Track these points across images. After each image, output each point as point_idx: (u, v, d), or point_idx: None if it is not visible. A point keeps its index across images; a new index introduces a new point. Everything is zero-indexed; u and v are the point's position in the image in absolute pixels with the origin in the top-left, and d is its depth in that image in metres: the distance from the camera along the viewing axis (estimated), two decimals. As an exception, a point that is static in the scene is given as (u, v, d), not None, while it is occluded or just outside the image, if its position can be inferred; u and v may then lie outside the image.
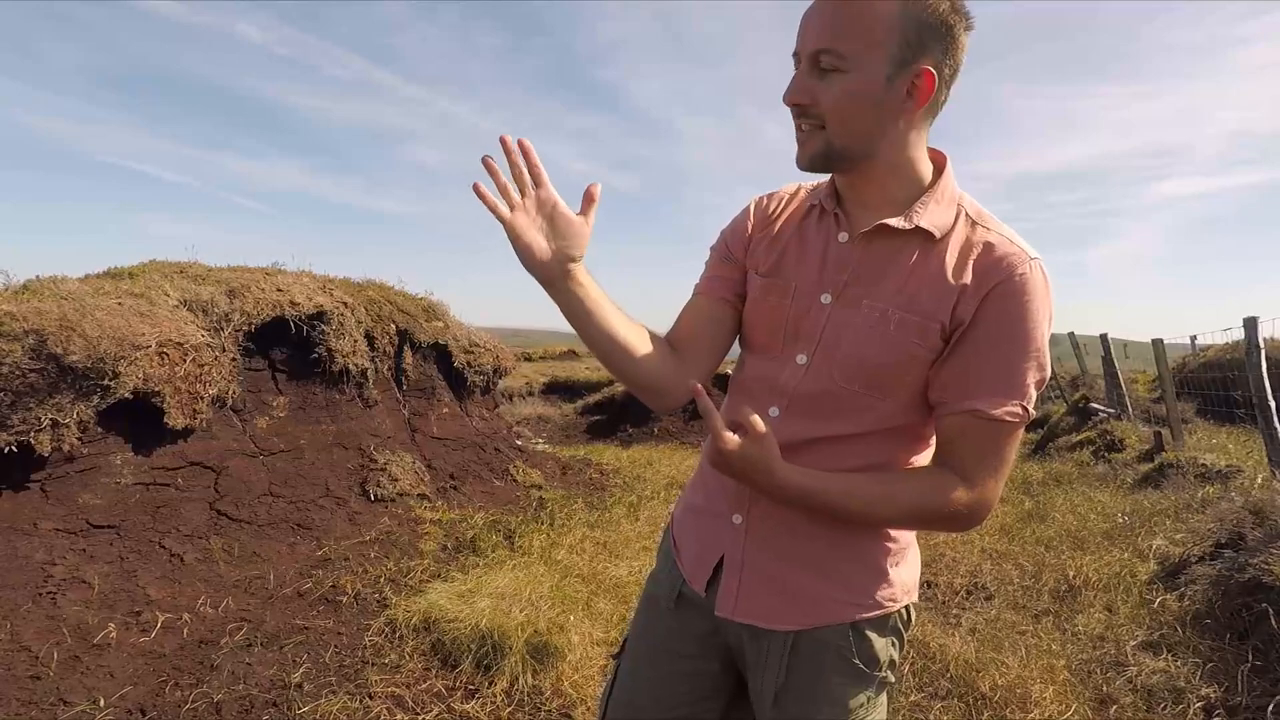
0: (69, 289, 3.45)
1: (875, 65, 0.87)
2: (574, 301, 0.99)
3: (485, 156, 0.95)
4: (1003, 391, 0.91)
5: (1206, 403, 8.35)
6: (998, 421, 0.91)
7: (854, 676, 0.98)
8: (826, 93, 0.89)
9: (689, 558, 1.09)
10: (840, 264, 0.98)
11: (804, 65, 0.91)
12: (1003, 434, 0.92)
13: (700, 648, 1.08)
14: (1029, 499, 5.64)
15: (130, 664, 2.38)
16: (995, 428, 0.91)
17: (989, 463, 0.93)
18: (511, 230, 0.96)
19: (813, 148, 0.93)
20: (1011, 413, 0.91)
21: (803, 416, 0.99)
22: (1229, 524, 3.39)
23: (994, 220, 0.96)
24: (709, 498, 1.08)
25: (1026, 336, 0.90)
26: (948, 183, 0.97)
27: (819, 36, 0.88)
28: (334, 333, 4.30)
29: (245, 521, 3.48)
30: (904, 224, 0.94)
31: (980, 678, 2.55)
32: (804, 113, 0.92)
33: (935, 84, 0.89)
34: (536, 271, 0.98)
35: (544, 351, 24.16)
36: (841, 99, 0.89)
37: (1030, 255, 0.92)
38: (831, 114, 0.90)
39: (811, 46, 0.89)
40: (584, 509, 4.82)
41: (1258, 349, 4.35)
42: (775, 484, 0.90)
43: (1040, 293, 0.90)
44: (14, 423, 2.85)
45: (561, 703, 2.40)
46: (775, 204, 1.11)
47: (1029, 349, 0.91)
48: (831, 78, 0.89)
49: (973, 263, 0.92)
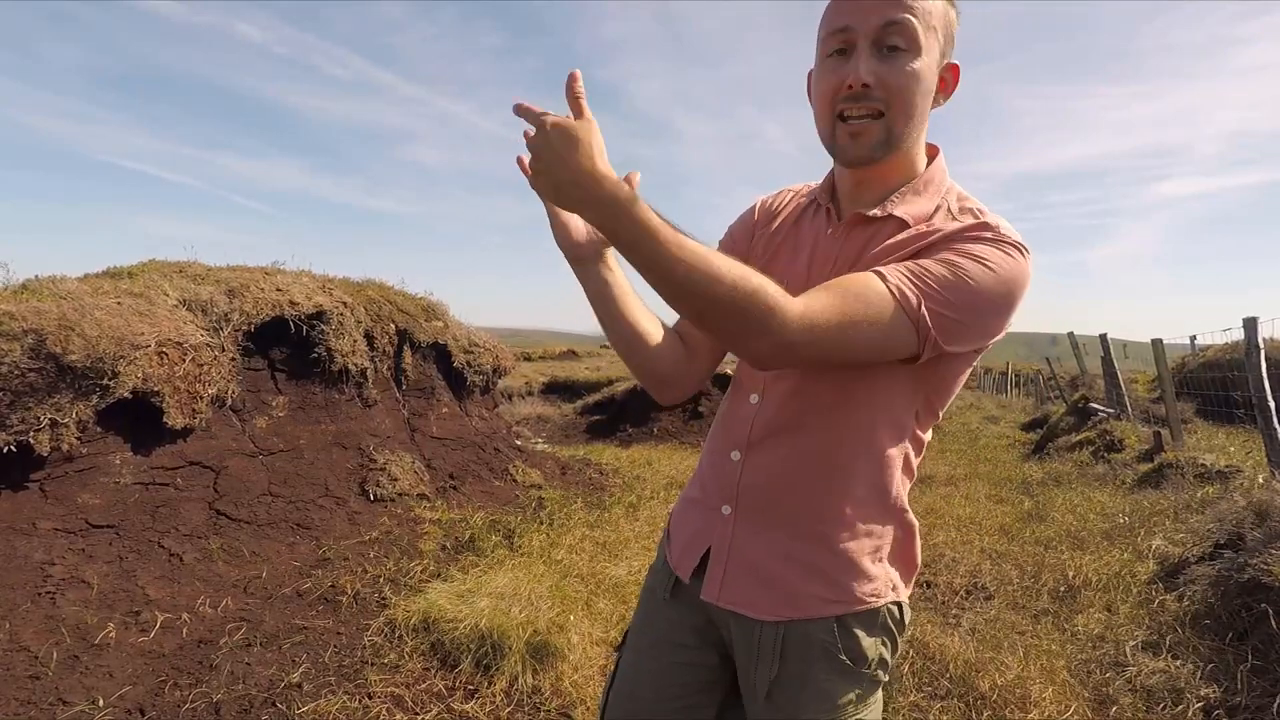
0: (68, 288, 3.45)
1: (934, 50, 0.88)
2: (601, 285, 1.00)
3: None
4: (915, 281, 0.83)
5: (1206, 403, 8.36)
6: (884, 285, 0.83)
7: (841, 673, 0.97)
8: (893, 75, 0.86)
9: (678, 547, 1.10)
10: (826, 258, 0.98)
11: (867, 44, 0.87)
12: (878, 300, 0.82)
13: (698, 639, 1.08)
14: (1029, 499, 5.64)
15: (129, 664, 2.38)
16: (877, 290, 0.83)
17: (840, 309, 0.82)
18: (551, 206, 0.97)
19: (874, 136, 0.89)
20: (905, 296, 0.82)
21: (779, 399, 0.99)
22: (1229, 524, 3.39)
23: (979, 207, 0.93)
24: (704, 490, 1.09)
25: (973, 276, 0.84)
26: (934, 174, 0.97)
27: (893, 7, 0.85)
28: (333, 332, 4.30)
29: (244, 521, 3.48)
30: (878, 213, 0.94)
31: (980, 678, 2.55)
32: (866, 95, 0.87)
33: (959, 80, 0.91)
34: (570, 250, 0.99)
35: (544, 351, 24.14)
36: (911, 81, 0.87)
37: (1015, 238, 0.88)
38: (898, 96, 0.87)
39: (880, 19, 0.85)
40: (583, 509, 4.82)
41: (1257, 349, 4.35)
42: (590, 173, 0.76)
43: (1011, 260, 0.86)
44: (13, 422, 2.84)
45: (561, 703, 2.40)
46: (779, 202, 1.12)
47: (968, 286, 0.84)
48: (899, 58, 0.86)
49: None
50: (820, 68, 0.94)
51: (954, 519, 4.99)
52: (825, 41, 0.92)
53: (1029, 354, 72.64)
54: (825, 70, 0.92)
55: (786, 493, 0.98)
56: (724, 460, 1.04)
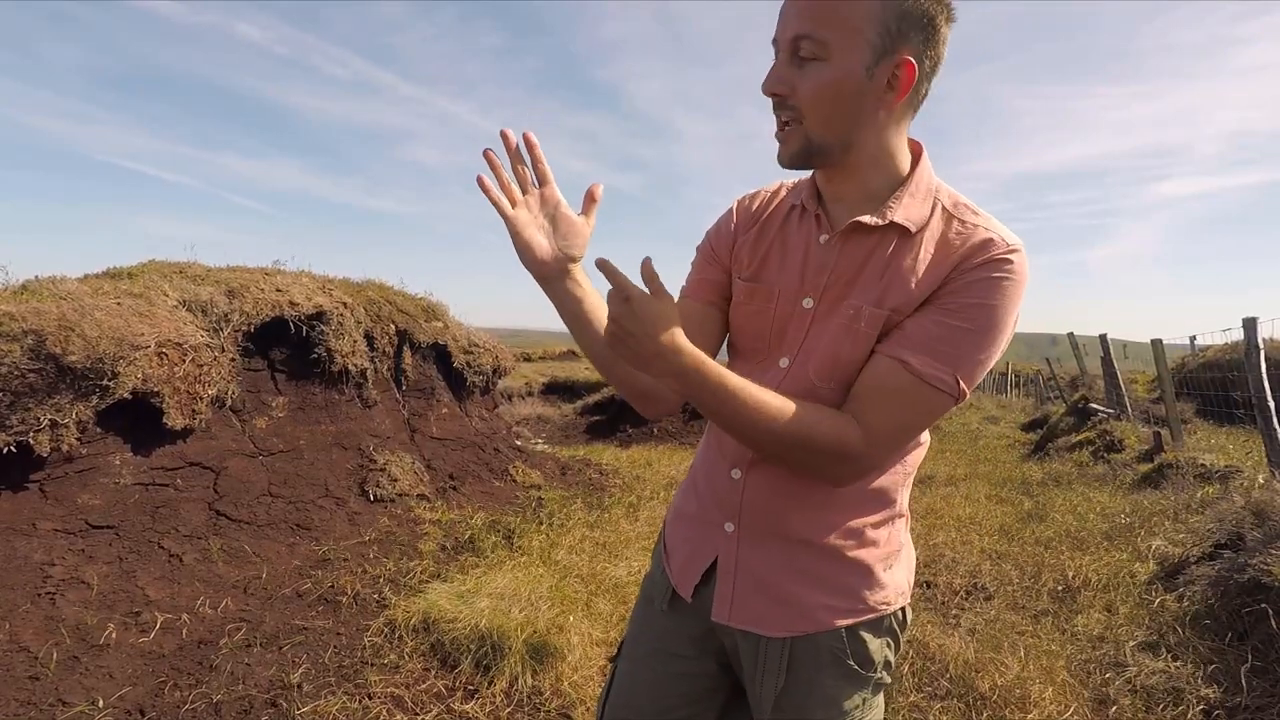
0: (68, 289, 3.45)
1: (855, 54, 0.84)
2: (570, 302, 0.99)
3: (487, 150, 0.94)
4: (940, 356, 0.86)
5: (1206, 403, 8.36)
6: (919, 379, 0.86)
7: (849, 677, 0.98)
8: (804, 83, 0.86)
9: (678, 564, 1.09)
10: (820, 266, 0.96)
11: (783, 54, 0.88)
12: (920, 395, 0.87)
13: (696, 649, 1.07)
14: (1029, 499, 5.64)
15: (129, 664, 2.38)
16: (915, 385, 0.86)
17: (893, 419, 0.88)
18: (513, 226, 0.96)
19: (793, 144, 0.90)
20: (940, 379, 0.86)
21: None
22: (1228, 524, 3.39)
23: (971, 210, 0.93)
24: (701, 505, 1.07)
25: (987, 318, 0.86)
26: (923, 174, 0.95)
27: (798, 22, 0.85)
28: (333, 333, 4.30)
29: (244, 522, 3.48)
30: (878, 220, 0.92)
31: (980, 678, 2.55)
32: (782, 104, 0.89)
33: (916, 75, 0.86)
34: (535, 269, 0.98)
35: (544, 352, 24.15)
36: (820, 89, 0.86)
37: (1010, 244, 0.88)
38: (810, 105, 0.87)
39: (790, 32, 0.86)
40: (583, 509, 4.82)
41: (1257, 349, 4.35)
42: (672, 347, 0.81)
43: (1013, 281, 0.86)
44: (13, 423, 2.84)
45: (561, 703, 2.40)
46: (758, 203, 1.09)
47: (985, 331, 0.86)
48: (810, 67, 0.86)
49: (948, 254, 0.89)
50: None
51: (954, 519, 4.99)
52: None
53: (1029, 354, 72.74)
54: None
55: (793, 508, 0.97)
56: (723, 478, 1.03)
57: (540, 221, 0.98)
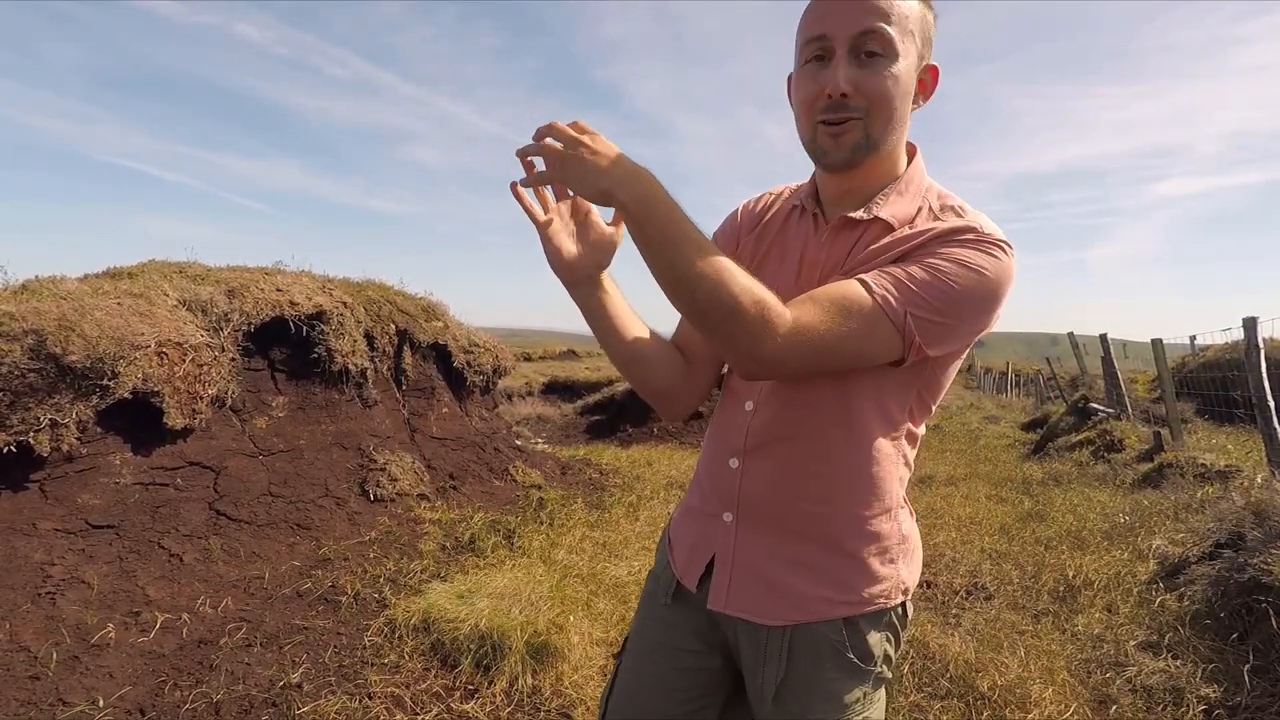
0: (68, 289, 3.45)
1: (911, 54, 0.89)
2: (596, 306, 1.01)
3: (526, 150, 0.90)
4: (901, 289, 0.85)
5: (1206, 403, 8.37)
6: (868, 293, 0.85)
7: (849, 671, 0.98)
8: (871, 80, 0.87)
9: (681, 556, 1.10)
10: (814, 262, 0.99)
11: (844, 51, 0.87)
12: (863, 312, 0.84)
13: (700, 643, 1.08)
14: (1029, 499, 5.64)
15: (129, 664, 2.38)
16: (860, 298, 0.85)
17: (826, 322, 0.84)
18: (544, 232, 0.98)
19: (854, 137, 0.90)
20: (889, 303, 0.84)
21: (773, 407, 0.99)
22: (1229, 524, 3.39)
23: (958, 210, 0.93)
24: (703, 498, 1.09)
25: (956, 280, 0.85)
26: (914, 174, 0.97)
27: (866, 17, 0.86)
28: (333, 333, 4.30)
29: (244, 521, 3.48)
30: (864, 215, 0.95)
31: (980, 678, 2.55)
32: (842, 104, 0.88)
33: (938, 81, 0.92)
34: (564, 275, 1.00)
35: (544, 351, 24.15)
36: (888, 86, 0.87)
37: (996, 236, 0.88)
38: (877, 102, 0.88)
39: (858, 28, 0.86)
40: (583, 509, 4.82)
41: (1257, 349, 4.36)
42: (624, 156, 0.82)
43: (992, 260, 0.86)
44: (13, 423, 2.84)
45: (561, 703, 2.40)
46: (761, 205, 1.12)
47: (950, 289, 0.85)
48: (875, 63, 0.87)
49: (928, 232, 0.90)
50: (800, 74, 0.94)
51: (954, 519, 5.00)
52: (803, 48, 0.92)
53: (1029, 354, 72.57)
54: (805, 77, 0.92)
55: (788, 498, 0.98)
56: (722, 468, 1.04)
57: (570, 228, 1.00)
